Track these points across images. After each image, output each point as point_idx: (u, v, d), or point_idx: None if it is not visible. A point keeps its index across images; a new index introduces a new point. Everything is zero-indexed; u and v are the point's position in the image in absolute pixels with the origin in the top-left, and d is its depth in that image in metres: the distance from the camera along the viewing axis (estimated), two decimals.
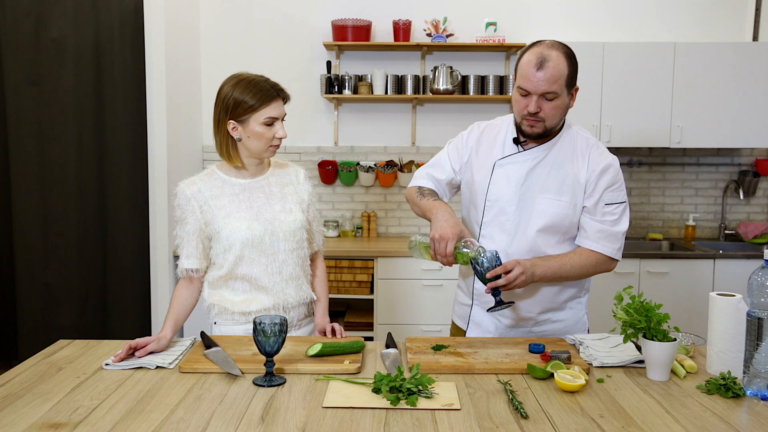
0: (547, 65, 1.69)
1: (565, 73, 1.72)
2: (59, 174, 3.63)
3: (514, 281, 1.69)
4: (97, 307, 3.73)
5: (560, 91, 1.72)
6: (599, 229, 1.83)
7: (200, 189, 1.85)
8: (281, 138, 1.83)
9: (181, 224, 1.85)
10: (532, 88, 1.71)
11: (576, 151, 1.86)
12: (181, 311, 1.85)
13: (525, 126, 1.79)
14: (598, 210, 1.83)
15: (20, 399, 1.40)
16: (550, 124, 1.78)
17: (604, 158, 1.85)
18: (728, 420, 1.30)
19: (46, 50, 3.55)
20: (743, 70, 3.75)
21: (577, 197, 1.84)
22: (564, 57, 1.73)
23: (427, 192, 1.93)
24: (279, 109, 1.81)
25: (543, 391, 1.45)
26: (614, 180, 1.84)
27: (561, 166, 1.84)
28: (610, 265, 1.86)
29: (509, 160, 1.88)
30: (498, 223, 1.88)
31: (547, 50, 1.72)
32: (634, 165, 4.19)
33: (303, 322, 1.99)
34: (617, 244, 1.85)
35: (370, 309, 3.79)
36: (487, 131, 1.97)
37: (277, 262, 1.87)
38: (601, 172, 1.83)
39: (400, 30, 3.94)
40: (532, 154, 1.85)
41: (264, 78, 1.83)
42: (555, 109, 1.75)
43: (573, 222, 1.86)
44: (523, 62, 1.75)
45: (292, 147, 4.17)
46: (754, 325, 1.40)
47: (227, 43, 4.14)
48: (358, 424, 1.27)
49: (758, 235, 4.10)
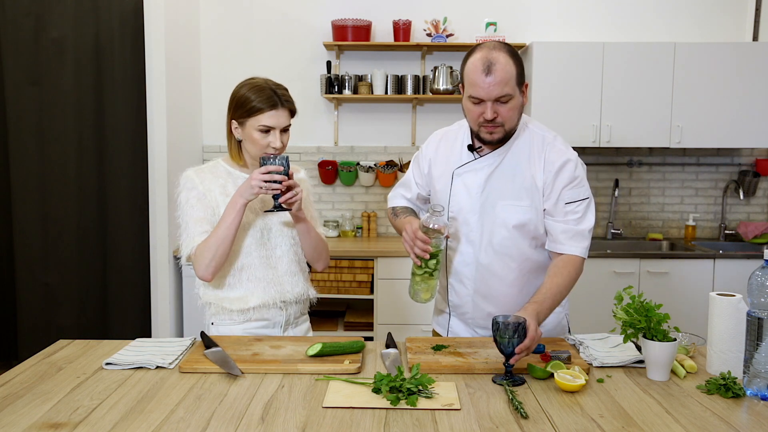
0: (495, 69, 1.64)
1: (514, 73, 1.67)
2: (59, 174, 3.63)
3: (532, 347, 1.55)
4: (97, 307, 3.73)
5: (513, 92, 1.67)
6: (563, 230, 1.77)
7: (206, 177, 1.87)
8: (275, 148, 1.80)
9: (187, 207, 1.83)
10: (484, 95, 1.66)
11: (533, 151, 1.79)
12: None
13: (484, 134, 1.73)
14: (559, 210, 1.77)
15: (20, 399, 1.40)
16: (510, 127, 1.73)
17: (560, 155, 1.78)
18: (728, 420, 1.30)
19: (46, 50, 3.55)
20: (743, 70, 3.75)
21: (536, 200, 1.78)
22: (509, 57, 1.67)
23: (400, 211, 1.97)
24: (277, 119, 1.78)
25: (543, 391, 1.45)
26: (572, 177, 1.77)
27: (518, 169, 1.79)
28: (582, 265, 1.79)
29: (466, 169, 1.83)
30: (463, 234, 1.85)
31: (490, 53, 1.66)
32: (634, 165, 4.19)
33: (300, 319, 1.99)
34: (584, 243, 1.78)
35: (370, 309, 3.79)
36: (444, 139, 1.93)
37: (275, 257, 1.88)
38: (557, 171, 1.76)
39: (400, 30, 3.95)
40: (488, 160, 1.80)
41: (275, 85, 1.81)
42: (511, 111, 1.70)
43: (538, 227, 1.81)
44: (469, 70, 1.69)
45: (292, 147, 4.17)
46: (754, 325, 1.40)
47: (227, 43, 4.14)
48: (358, 424, 1.27)
49: (758, 235, 4.10)
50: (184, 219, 1.84)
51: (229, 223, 1.74)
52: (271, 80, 1.84)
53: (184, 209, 1.84)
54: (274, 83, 1.82)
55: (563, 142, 1.83)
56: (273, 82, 1.83)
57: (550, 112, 3.76)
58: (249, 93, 1.78)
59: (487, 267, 1.83)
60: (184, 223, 1.84)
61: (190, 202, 1.83)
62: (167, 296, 3.62)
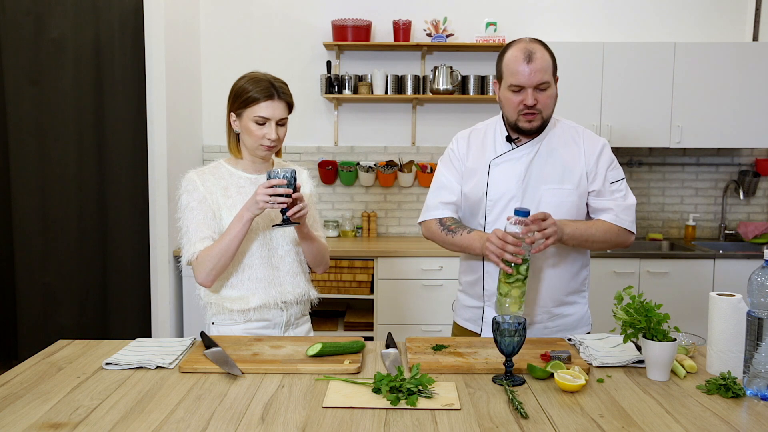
0: (535, 57, 1.77)
1: (551, 63, 1.81)
2: (59, 174, 3.63)
3: (546, 230, 1.70)
4: (97, 307, 3.73)
5: (550, 80, 1.80)
6: (613, 206, 1.88)
7: (208, 179, 1.87)
8: (270, 140, 1.81)
9: (187, 211, 1.84)
10: (526, 82, 1.77)
11: (568, 138, 1.91)
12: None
13: (523, 122, 1.82)
14: (606, 190, 1.89)
15: (20, 399, 1.40)
16: (547, 115, 1.84)
17: (596, 141, 1.92)
18: (728, 420, 1.30)
19: (46, 50, 3.55)
20: (743, 70, 3.75)
21: (579, 183, 1.88)
22: (544, 48, 1.81)
23: (452, 225, 1.92)
24: (273, 110, 1.79)
25: (543, 391, 1.45)
26: (611, 158, 1.91)
27: (557, 154, 1.89)
28: (628, 237, 1.91)
29: (505, 158, 1.90)
30: (503, 221, 1.87)
31: (528, 45, 1.80)
32: (634, 165, 4.19)
33: (301, 320, 1.99)
34: (631, 217, 1.90)
35: (370, 309, 3.79)
36: (473, 137, 1.99)
37: (277, 257, 1.89)
38: (599, 154, 1.89)
39: (400, 30, 3.94)
40: (526, 149, 1.89)
41: (271, 77, 1.84)
42: (549, 99, 1.81)
43: (580, 211, 1.90)
44: (509, 60, 1.81)
45: (292, 147, 4.17)
46: (754, 325, 1.40)
47: (227, 43, 4.14)
48: (358, 424, 1.27)
49: (758, 235, 4.10)
50: (185, 223, 1.84)
51: (233, 236, 1.75)
52: (270, 74, 1.85)
53: (185, 213, 1.84)
54: (273, 77, 1.84)
55: (592, 132, 1.97)
56: (272, 75, 1.85)
57: None
58: (247, 84, 1.81)
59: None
60: (184, 227, 1.84)
61: (191, 205, 1.84)
62: (167, 296, 3.62)
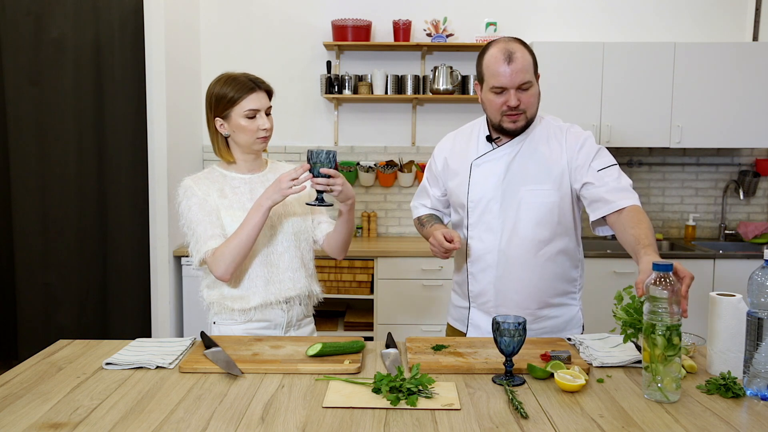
0: (515, 57, 1.74)
1: (531, 61, 1.78)
2: (59, 174, 3.63)
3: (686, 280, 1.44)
4: (97, 307, 3.73)
5: (532, 79, 1.77)
6: (608, 190, 1.78)
7: (203, 183, 1.88)
8: (266, 129, 1.84)
9: (189, 215, 1.84)
10: (507, 83, 1.75)
11: (550, 137, 1.88)
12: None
13: (507, 123, 1.81)
14: (596, 177, 1.80)
15: (20, 399, 1.40)
16: (531, 114, 1.82)
17: (578, 135, 1.86)
18: (728, 420, 1.30)
19: (46, 50, 3.55)
20: (743, 70, 3.75)
21: (561, 183, 1.83)
22: (524, 47, 1.78)
23: (426, 219, 2.06)
24: (259, 101, 1.83)
25: (543, 391, 1.45)
26: (594, 148, 1.84)
27: (538, 154, 1.85)
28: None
29: (485, 159, 1.89)
30: (484, 222, 1.89)
31: (507, 44, 1.77)
32: (634, 165, 4.19)
33: (303, 321, 1.99)
34: (633, 195, 1.79)
35: (370, 309, 3.79)
36: (459, 137, 2.01)
37: (276, 254, 1.89)
38: (579, 148, 1.84)
39: (400, 30, 3.94)
40: (506, 149, 1.87)
41: (244, 73, 1.86)
42: (532, 98, 1.79)
43: (563, 211, 1.85)
44: (488, 62, 1.78)
45: (292, 147, 4.17)
46: (754, 325, 1.40)
47: (227, 44, 4.14)
48: (358, 424, 1.27)
49: (758, 235, 4.10)
50: (189, 226, 1.84)
51: (252, 226, 1.76)
52: (237, 71, 1.87)
53: (187, 216, 1.85)
54: (241, 72, 1.86)
55: (578, 127, 1.91)
56: (240, 72, 1.87)
57: (550, 112, 3.72)
58: (224, 87, 1.82)
59: (510, 253, 1.86)
60: (190, 231, 1.84)
61: (192, 209, 1.84)
62: (167, 296, 3.62)
